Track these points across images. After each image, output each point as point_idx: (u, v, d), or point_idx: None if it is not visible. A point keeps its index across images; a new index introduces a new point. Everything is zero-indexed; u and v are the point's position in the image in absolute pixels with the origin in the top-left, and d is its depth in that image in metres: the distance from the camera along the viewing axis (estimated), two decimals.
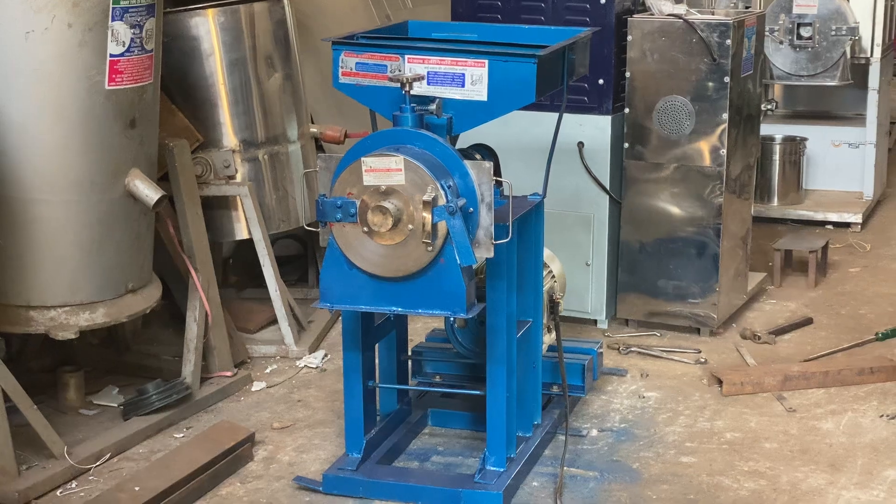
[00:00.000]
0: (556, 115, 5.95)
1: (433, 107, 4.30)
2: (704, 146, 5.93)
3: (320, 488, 4.54)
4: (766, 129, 8.59)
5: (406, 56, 4.39)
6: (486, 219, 4.18)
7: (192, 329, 5.36)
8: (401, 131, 4.25)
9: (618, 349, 5.92)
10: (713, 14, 6.17)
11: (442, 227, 4.08)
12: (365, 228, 4.14)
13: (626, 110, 6.02)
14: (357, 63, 4.46)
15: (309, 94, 6.48)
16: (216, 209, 5.88)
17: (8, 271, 4.66)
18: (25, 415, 4.60)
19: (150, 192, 4.81)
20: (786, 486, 4.58)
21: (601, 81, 5.99)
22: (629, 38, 5.94)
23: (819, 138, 8.61)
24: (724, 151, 5.90)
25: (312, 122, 6.46)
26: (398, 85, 4.26)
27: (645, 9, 6.10)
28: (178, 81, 5.77)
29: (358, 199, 4.14)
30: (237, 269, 6.72)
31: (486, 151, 4.81)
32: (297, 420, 5.18)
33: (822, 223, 8.25)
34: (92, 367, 5.66)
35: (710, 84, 5.86)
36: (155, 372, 5.47)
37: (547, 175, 4.79)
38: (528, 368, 4.78)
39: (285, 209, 6.07)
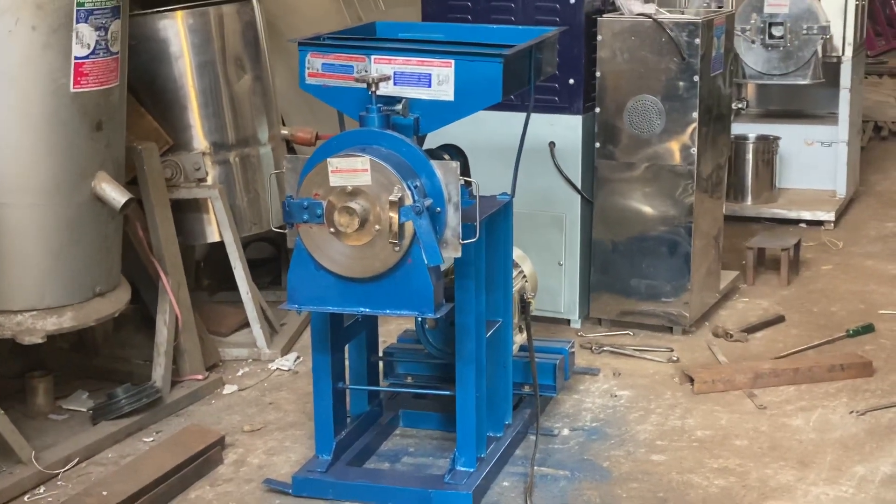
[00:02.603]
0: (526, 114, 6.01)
1: (399, 107, 4.29)
2: (675, 145, 5.93)
3: (290, 491, 4.52)
4: (739, 128, 8.62)
5: (373, 57, 4.38)
6: (453, 219, 4.18)
7: (162, 333, 5.34)
8: (367, 132, 4.24)
9: (590, 348, 5.92)
10: (683, 13, 6.17)
11: (409, 227, 4.07)
12: (332, 229, 4.13)
13: (597, 110, 6.02)
14: (323, 64, 4.45)
15: (280, 96, 6.47)
16: (187, 212, 5.86)
17: None
18: None
19: (117, 196, 4.79)
20: (755, 482, 4.58)
21: (571, 81, 5.99)
22: (599, 37, 5.95)
23: (792, 137, 8.63)
24: (694, 150, 5.90)
25: (284, 124, 6.44)
26: (364, 85, 4.25)
27: (615, 8, 6.10)
28: (147, 84, 5.75)
29: (324, 199, 4.13)
30: (210, 272, 6.70)
31: (454, 151, 4.81)
32: (268, 423, 5.17)
33: (796, 221, 8.26)
34: (62, 371, 5.63)
35: (680, 83, 5.87)
36: (125, 376, 5.44)
37: (515, 175, 4.78)
38: (499, 368, 4.77)
39: (257, 212, 6.06)
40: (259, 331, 5.84)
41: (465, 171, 4.83)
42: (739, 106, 7.96)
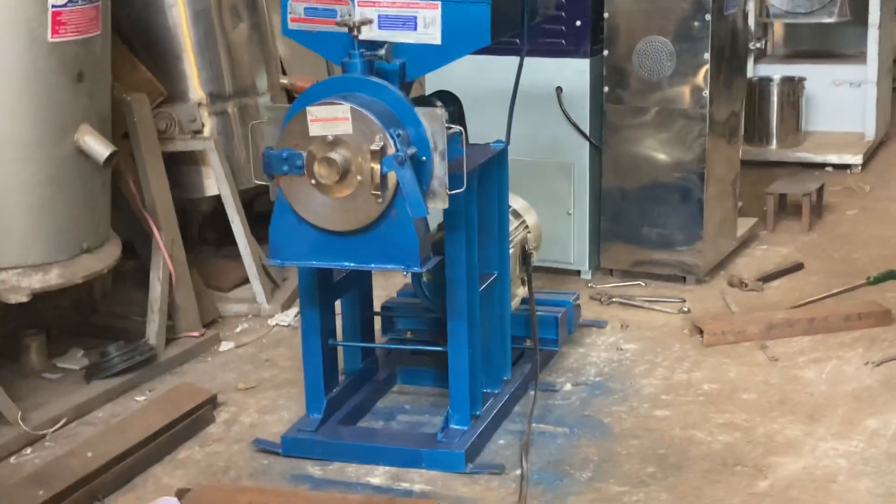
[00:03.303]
0: (536, 59, 5.82)
1: (382, 52, 4.11)
2: (686, 88, 5.72)
3: (279, 451, 4.40)
4: (764, 69, 8.41)
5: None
6: (439, 168, 4.01)
7: (156, 289, 5.21)
8: (349, 78, 4.07)
9: (599, 300, 5.75)
10: None
11: (391, 177, 3.91)
12: (313, 181, 3.97)
13: (606, 53, 5.81)
14: (306, 8, 4.27)
15: (284, 44, 6.30)
16: (184, 165, 5.72)
17: None
18: None
19: (100, 149, 4.65)
20: (761, 438, 4.41)
21: (578, 23, 5.78)
22: None
23: (820, 78, 8.39)
24: (706, 93, 5.69)
25: (285, 73, 6.28)
26: (346, 30, 4.08)
27: None
28: (141, 34, 5.61)
29: (304, 150, 3.97)
30: (215, 225, 6.56)
31: (448, 98, 4.63)
32: (262, 380, 5.04)
33: (822, 165, 8.03)
34: (61, 329, 5.53)
35: (691, 23, 5.65)
36: (123, 333, 5.31)
37: (510, 121, 4.61)
38: (495, 323, 4.61)
39: (257, 163, 5.90)
40: (259, 286, 5.70)
41: (460, 118, 4.66)
42: (757, 46, 7.71)
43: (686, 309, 5.62)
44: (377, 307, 4.99)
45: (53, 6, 4.44)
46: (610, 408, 4.69)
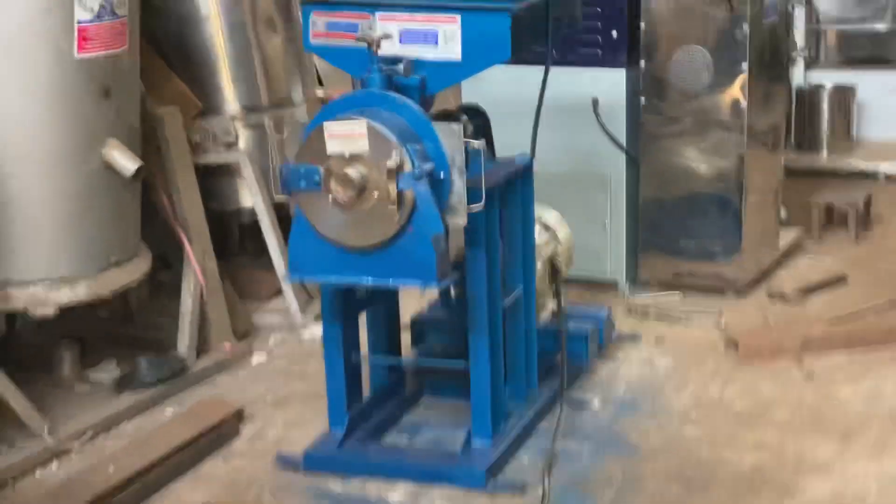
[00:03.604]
0: (570, 69, 5.78)
1: (401, 67, 4.08)
2: (724, 98, 5.64)
3: (302, 466, 4.38)
4: (816, 76, 8.28)
5: (377, 14, 4.18)
6: (458, 184, 3.97)
7: (187, 301, 5.23)
8: (368, 94, 4.05)
9: (635, 313, 5.67)
10: None
11: (408, 194, 3.88)
12: (330, 197, 3.95)
13: (642, 63, 5.74)
14: (327, 23, 4.26)
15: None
16: (220, 177, 5.74)
17: None
18: (2, 394, 4.49)
19: (127, 163, 4.67)
20: (791, 458, 4.33)
21: (615, 33, 5.72)
22: None
23: (873, 85, 8.24)
24: (744, 103, 5.60)
25: (322, 85, 6.27)
26: (365, 45, 4.05)
27: None
28: (177, 47, 5.63)
29: (322, 166, 3.95)
30: (255, 236, 6.56)
31: (474, 112, 4.60)
32: (292, 393, 5.03)
33: (874, 175, 7.88)
34: (96, 340, 5.56)
35: (729, 33, 5.57)
36: (156, 345, 5.33)
37: (535, 134, 4.58)
38: (519, 338, 4.56)
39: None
40: (292, 297, 5.70)
41: (486, 132, 4.62)
42: (801, 55, 7.59)
43: (723, 322, 5.53)
44: (411, 319, 4.98)
45: (80, 22, 4.46)
46: (638, 425, 4.62)
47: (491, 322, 4.26)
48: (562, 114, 5.82)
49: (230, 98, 5.71)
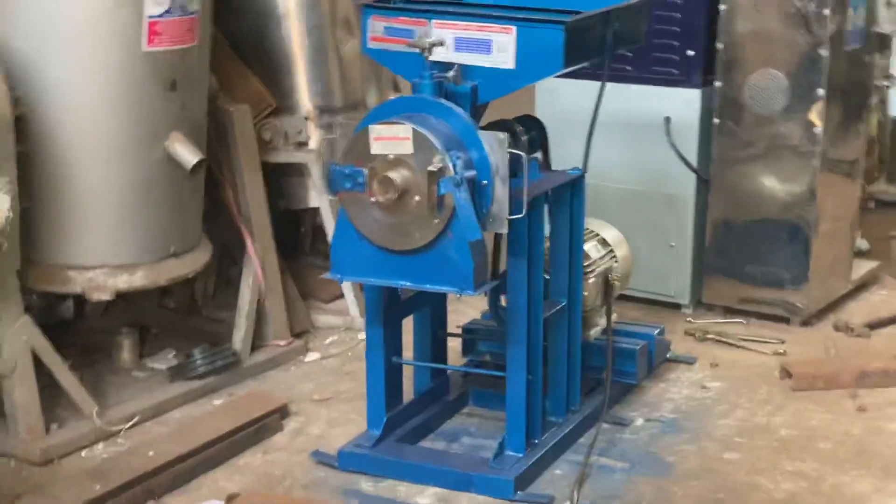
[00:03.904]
0: (645, 87, 5.77)
1: (451, 74, 4.11)
2: (798, 124, 5.57)
3: (336, 464, 4.43)
4: None
5: (433, 21, 4.21)
6: (500, 192, 3.98)
7: (245, 296, 5.31)
8: (416, 99, 4.09)
9: (694, 335, 5.62)
10: None
11: (449, 199, 3.91)
12: (373, 199, 3.99)
13: (717, 84, 5.69)
14: (385, 27, 4.31)
15: None
16: (290, 176, 5.81)
17: (47, 231, 4.67)
18: (56, 375, 4.61)
19: (188, 156, 4.76)
20: (827, 489, 4.26)
21: (691, 53, 5.69)
22: (722, 7, 5.62)
23: None
24: (818, 130, 5.52)
25: (398, 89, 6.32)
26: (418, 51, 4.09)
27: None
28: (254, 45, 5.71)
29: (367, 167, 3.99)
30: (324, 237, 6.64)
31: (531, 122, 4.61)
32: (339, 392, 5.08)
33: None
34: (161, 330, 5.68)
35: (806, 58, 5.49)
36: (215, 337, 5.42)
37: (587, 148, 4.55)
38: (563, 352, 4.55)
39: None
40: (352, 299, 5.75)
41: (542, 143, 4.64)
42: (885, 84, 7.42)
43: (782, 351, 5.46)
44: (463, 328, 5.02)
45: (149, 17, 4.56)
46: (678, 446, 4.59)
47: (530, 333, 4.27)
48: (633, 131, 5.83)
49: (304, 98, 5.78)
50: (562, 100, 5.80)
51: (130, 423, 4.74)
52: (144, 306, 5.79)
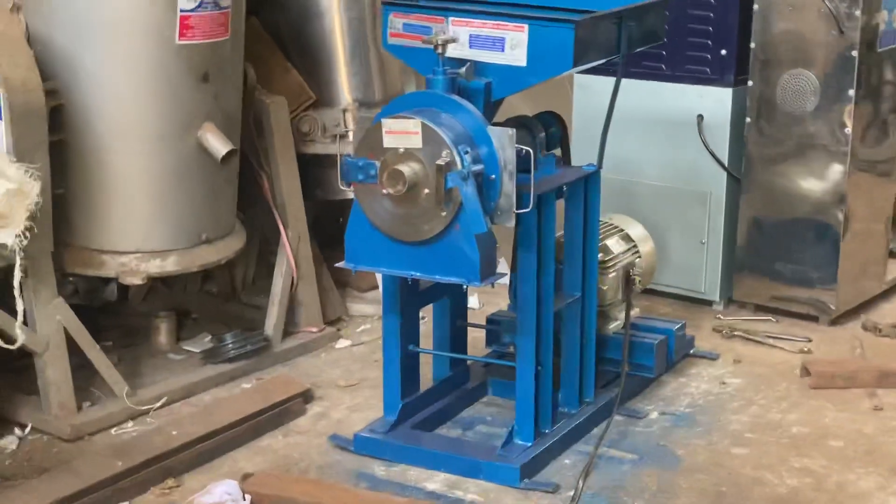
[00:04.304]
0: (678, 85, 5.83)
1: (463, 70, 4.22)
2: (829, 124, 5.59)
3: (351, 448, 4.56)
4: None
5: (450, 18, 4.32)
6: (507, 186, 4.09)
7: (278, 283, 5.46)
8: (429, 94, 4.20)
9: (721, 332, 5.67)
10: None
11: (456, 192, 4.02)
12: (384, 191, 4.11)
13: (750, 83, 5.73)
14: (405, 24, 4.43)
15: None
16: (327, 167, 5.93)
17: (83, 216, 4.85)
18: (87, 355, 4.79)
19: (219, 146, 4.90)
20: (831, 486, 4.30)
21: (724, 52, 5.74)
22: (755, 6, 5.66)
23: None
24: (849, 130, 5.54)
25: None
26: (432, 47, 4.20)
27: None
28: (295, 39, 5.84)
29: (378, 160, 4.11)
30: None
31: (552, 118, 4.70)
32: (364, 379, 5.21)
33: None
34: (202, 314, 5.86)
35: (837, 58, 5.51)
36: (252, 323, 5.58)
37: (602, 145, 4.62)
38: (576, 344, 4.64)
39: None
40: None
41: (562, 140, 4.73)
42: None
43: (807, 349, 5.49)
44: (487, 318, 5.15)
45: (182, 11, 4.72)
46: (688, 440, 4.65)
47: (540, 324, 4.36)
48: (667, 129, 5.90)
49: (345, 91, 5.90)
50: (597, 96, 5.85)
51: (159, 403, 4.90)
52: (186, 291, 5.97)
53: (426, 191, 4.05)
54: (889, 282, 6.16)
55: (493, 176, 4.07)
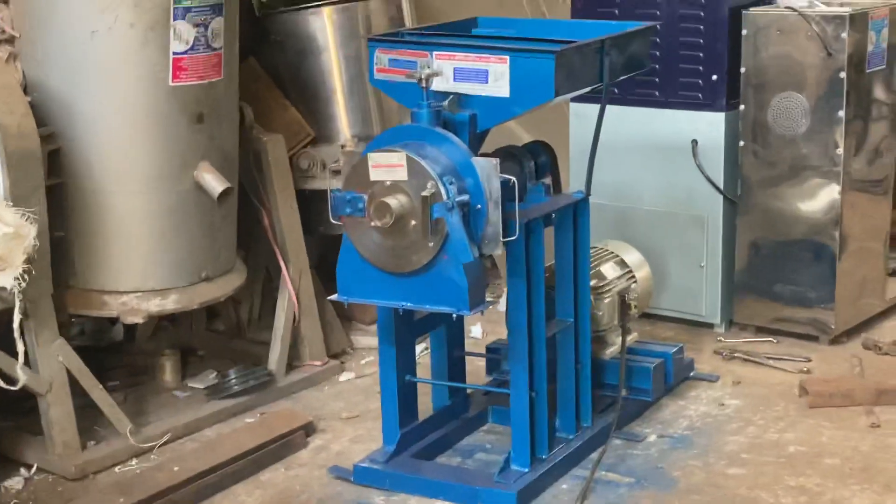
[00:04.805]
0: (671, 111, 5.90)
1: (446, 103, 4.30)
2: (821, 145, 5.63)
3: (351, 478, 4.61)
4: None
5: (434, 52, 4.40)
6: (493, 215, 4.15)
7: (280, 318, 5.53)
8: (413, 127, 4.28)
9: (721, 354, 5.71)
10: (841, 6, 5.81)
11: (442, 223, 4.08)
12: (373, 223, 4.18)
13: (742, 107, 5.79)
14: (390, 59, 4.51)
15: None
16: (327, 202, 6.00)
17: (84, 257, 4.94)
18: (90, 394, 4.87)
19: (215, 185, 4.99)
20: (826, 503, 4.33)
21: (714, 77, 5.79)
22: (744, 32, 5.72)
23: None
24: (840, 151, 5.58)
25: None
26: (416, 81, 4.28)
27: (771, 1, 5.85)
28: (293, 77, 5.94)
29: (366, 193, 4.19)
30: None
31: (541, 147, 4.77)
32: (367, 411, 5.27)
33: None
34: (208, 351, 5.93)
35: (826, 80, 5.57)
36: (258, 358, 5.65)
37: (590, 172, 4.67)
38: (569, 370, 4.69)
39: None
40: None
41: (552, 168, 4.79)
42: None
43: (806, 369, 5.52)
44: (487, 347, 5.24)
45: (174, 53, 4.81)
46: (685, 462, 4.69)
47: (532, 351, 4.42)
48: (661, 154, 5.96)
49: (343, 127, 5.99)
50: (592, 124, 5.91)
51: (163, 440, 4.97)
52: (192, 329, 6.05)
53: (413, 222, 4.12)
54: (889, 300, 6.18)
55: (479, 205, 4.14)
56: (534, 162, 4.64)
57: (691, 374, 5.44)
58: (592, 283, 4.86)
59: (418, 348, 5.76)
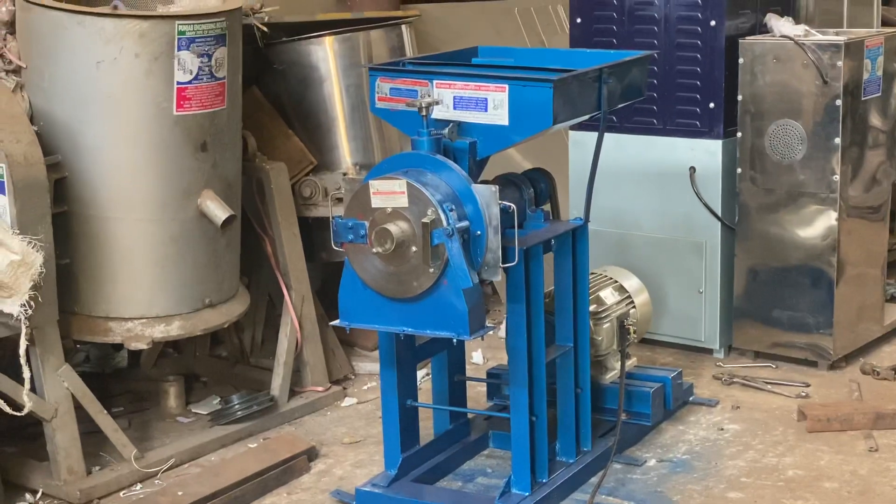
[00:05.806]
0: (670, 139, 5.97)
1: (446, 131, 4.36)
2: (818, 172, 5.70)
3: (354, 503, 4.65)
4: None
5: (434, 81, 4.47)
6: (493, 242, 4.20)
7: (283, 344, 5.58)
8: (414, 155, 4.34)
9: (721, 379, 5.75)
10: (836, 34, 5.88)
11: (443, 249, 4.14)
12: (374, 250, 4.23)
13: (739, 134, 5.85)
14: (391, 88, 4.57)
15: None
16: (329, 230, 6.07)
17: (89, 284, 5.00)
18: (95, 420, 4.92)
19: (218, 213, 5.05)
20: None
21: (712, 105, 5.86)
22: (741, 60, 5.79)
23: None
24: (837, 177, 5.64)
25: None
26: (416, 110, 4.35)
27: (767, 30, 5.92)
28: (296, 106, 6.02)
29: (367, 220, 4.25)
30: None
31: (540, 175, 4.82)
32: (369, 436, 5.31)
33: None
34: (212, 378, 5.99)
35: (822, 107, 5.63)
36: (260, 384, 5.70)
37: (588, 199, 4.73)
38: (569, 394, 4.74)
39: None
40: None
41: (551, 195, 4.85)
42: None
43: (804, 394, 5.56)
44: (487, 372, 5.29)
45: (179, 83, 4.88)
46: (684, 486, 4.73)
47: (532, 375, 4.46)
48: (660, 181, 6.02)
49: (345, 155, 6.06)
50: (591, 152, 5.99)
51: (167, 465, 5.01)
52: (195, 355, 6.10)
53: (414, 248, 4.17)
54: (888, 325, 6.23)
55: (479, 232, 4.19)
56: (533, 189, 4.70)
57: (690, 398, 5.48)
58: (592, 308, 4.92)
59: (420, 374, 5.85)
